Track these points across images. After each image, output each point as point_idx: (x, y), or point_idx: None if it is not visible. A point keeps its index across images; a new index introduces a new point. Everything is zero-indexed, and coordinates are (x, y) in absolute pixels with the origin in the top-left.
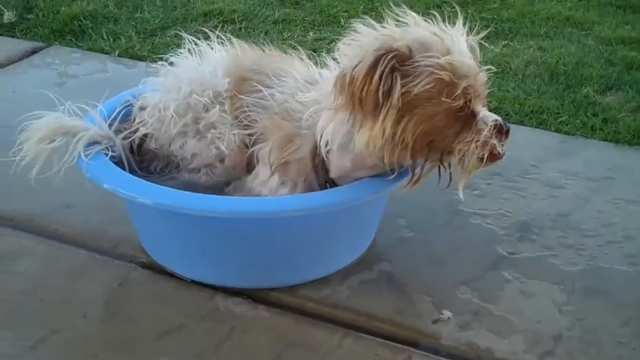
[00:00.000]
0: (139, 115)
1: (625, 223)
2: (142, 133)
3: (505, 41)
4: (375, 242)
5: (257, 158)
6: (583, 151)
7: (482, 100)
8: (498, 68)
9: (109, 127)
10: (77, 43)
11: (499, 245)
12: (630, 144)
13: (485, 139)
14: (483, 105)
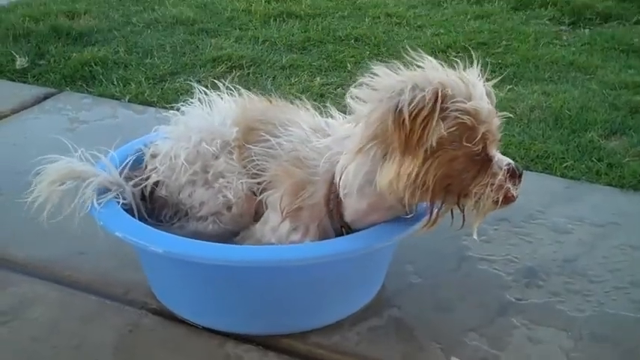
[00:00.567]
0: (151, 163)
1: (631, 269)
2: (154, 181)
3: (510, 86)
4: (384, 288)
5: (266, 205)
6: (588, 196)
7: (497, 145)
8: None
9: (120, 175)
10: (88, 89)
11: (506, 291)
12: (635, 189)
13: (500, 183)
14: (497, 149)
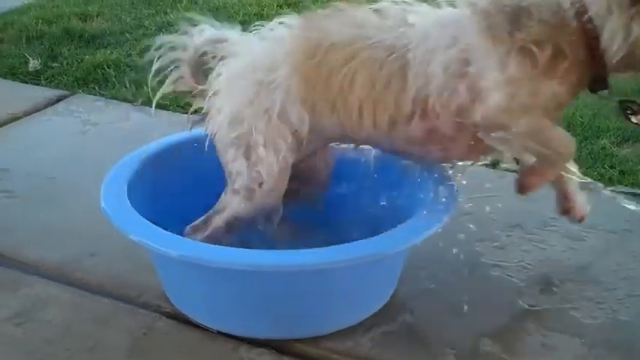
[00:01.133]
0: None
1: None
2: None
3: None
4: (397, 292)
5: None
6: (601, 203)
7: None
8: None
9: None
10: (100, 92)
11: (520, 297)
12: None
13: None
14: None
